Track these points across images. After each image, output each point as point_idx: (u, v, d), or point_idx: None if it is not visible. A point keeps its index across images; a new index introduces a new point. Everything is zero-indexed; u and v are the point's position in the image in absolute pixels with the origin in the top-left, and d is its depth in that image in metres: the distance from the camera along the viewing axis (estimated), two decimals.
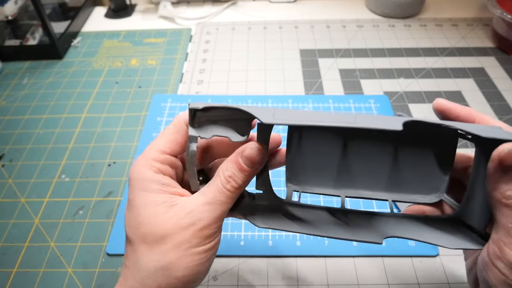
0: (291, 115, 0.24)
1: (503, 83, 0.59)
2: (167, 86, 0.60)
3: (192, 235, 0.24)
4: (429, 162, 0.27)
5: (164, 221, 0.24)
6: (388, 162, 0.28)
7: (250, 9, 0.78)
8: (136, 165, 0.26)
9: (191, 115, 0.26)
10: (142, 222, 0.24)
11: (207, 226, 0.24)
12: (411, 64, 0.63)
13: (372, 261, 0.39)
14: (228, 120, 0.26)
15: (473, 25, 0.71)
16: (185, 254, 0.24)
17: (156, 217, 0.24)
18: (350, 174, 0.28)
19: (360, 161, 0.28)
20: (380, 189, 0.28)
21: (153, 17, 0.76)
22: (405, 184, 0.28)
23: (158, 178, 0.25)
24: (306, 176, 0.29)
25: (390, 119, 0.22)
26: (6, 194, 0.47)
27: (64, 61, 0.67)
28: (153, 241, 0.24)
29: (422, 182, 0.27)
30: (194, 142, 0.26)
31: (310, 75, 0.62)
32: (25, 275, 0.39)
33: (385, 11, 0.73)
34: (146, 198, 0.25)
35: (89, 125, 0.55)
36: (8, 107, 0.58)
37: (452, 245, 0.24)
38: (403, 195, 0.28)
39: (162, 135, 0.27)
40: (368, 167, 0.28)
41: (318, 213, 0.27)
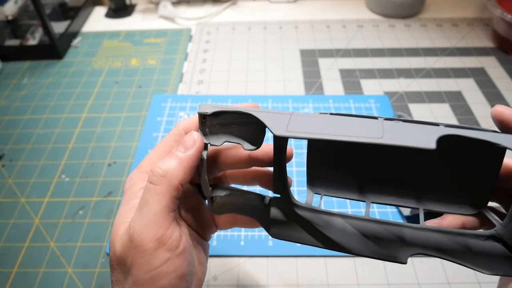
0: (308, 125, 0.21)
1: (503, 83, 0.59)
2: (167, 86, 0.60)
3: (135, 256, 0.21)
4: (469, 171, 0.24)
5: (117, 242, 0.22)
6: (419, 167, 0.25)
7: (250, 9, 0.78)
8: (130, 177, 0.25)
9: (201, 120, 0.24)
10: (110, 242, 0.23)
11: (141, 238, 0.20)
12: (411, 64, 0.63)
13: (372, 261, 0.39)
14: (240, 123, 0.24)
15: (473, 25, 0.71)
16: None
17: (116, 238, 0.22)
18: (377, 178, 0.26)
19: (387, 164, 0.25)
20: (409, 196, 0.25)
21: (153, 17, 0.76)
22: (439, 192, 0.25)
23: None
24: (329, 179, 0.27)
25: (424, 130, 0.19)
26: (6, 194, 0.47)
27: (64, 61, 0.67)
28: (117, 266, 0.22)
29: (458, 192, 0.24)
30: (205, 150, 0.24)
31: (310, 75, 0.62)
32: (25, 275, 0.39)
33: (385, 11, 0.73)
34: (121, 214, 0.23)
35: (89, 125, 0.55)
36: (8, 107, 0.58)
37: (489, 271, 0.21)
38: (436, 204, 0.25)
39: (160, 145, 0.25)
40: (397, 170, 0.25)
41: (337, 221, 0.25)
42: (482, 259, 0.21)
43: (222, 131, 0.24)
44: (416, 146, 0.18)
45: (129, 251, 0.21)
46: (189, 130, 0.25)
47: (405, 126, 0.20)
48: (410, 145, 0.19)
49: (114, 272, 0.22)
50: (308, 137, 0.20)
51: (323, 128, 0.21)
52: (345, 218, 0.25)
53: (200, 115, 0.24)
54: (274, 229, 0.25)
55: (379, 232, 0.23)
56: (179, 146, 0.23)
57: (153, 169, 0.22)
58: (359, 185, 0.26)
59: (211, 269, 0.39)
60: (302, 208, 0.25)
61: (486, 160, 0.23)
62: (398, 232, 0.23)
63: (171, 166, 0.22)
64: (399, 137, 0.19)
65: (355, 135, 0.20)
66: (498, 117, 0.22)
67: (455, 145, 0.23)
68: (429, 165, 0.24)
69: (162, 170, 0.22)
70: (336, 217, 0.25)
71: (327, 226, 0.24)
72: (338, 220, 0.24)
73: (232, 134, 0.24)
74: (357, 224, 0.24)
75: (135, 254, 0.21)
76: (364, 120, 0.21)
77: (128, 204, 0.23)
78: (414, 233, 0.23)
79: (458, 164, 0.24)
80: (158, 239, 0.20)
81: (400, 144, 0.19)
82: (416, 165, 0.25)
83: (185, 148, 0.23)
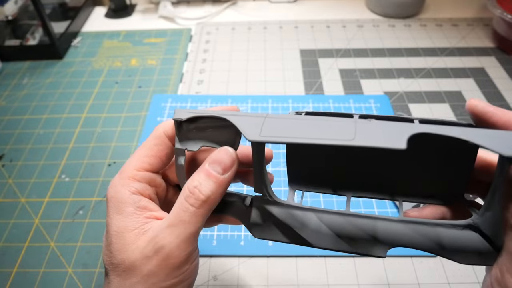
0: (282, 128, 0.21)
1: (503, 83, 0.59)
2: (167, 86, 0.60)
3: (158, 266, 0.21)
4: (444, 164, 0.25)
5: (132, 251, 0.21)
6: (396, 161, 0.26)
7: (250, 9, 0.78)
8: (113, 183, 0.24)
9: (177, 126, 0.24)
10: (113, 251, 0.22)
11: (172, 254, 0.21)
12: (411, 64, 0.63)
13: (372, 261, 0.39)
14: (216, 127, 0.24)
15: (473, 25, 0.71)
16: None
17: (126, 246, 0.21)
18: (356, 172, 0.26)
19: (365, 159, 0.26)
20: (389, 189, 0.26)
21: (153, 17, 0.76)
22: (417, 185, 0.26)
23: (134, 199, 0.23)
24: (309, 175, 0.27)
25: (396, 129, 0.20)
26: (6, 194, 0.47)
27: (64, 61, 0.67)
28: (124, 273, 0.21)
29: (436, 184, 0.25)
30: (182, 156, 0.24)
31: (310, 75, 0.62)
32: (25, 275, 0.39)
33: (385, 11, 0.73)
34: (119, 223, 0.22)
35: (89, 125, 0.55)
36: (8, 107, 0.58)
37: (465, 260, 0.22)
38: (414, 196, 0.26)
39: (141, 149, 0.25)
40: (375, 165, 0.26)
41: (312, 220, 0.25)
42: (459, 249, 0.22)
43: (198, 136, 0.24)
44: (387, 146, 0.19)
45: (152, 262, 0.21)
46: (170, 133, 0.25)
47: (378, 125, 0.20)
48: (381, 146, 0.19)
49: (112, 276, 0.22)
50: (281, 141, 0.21)
51: (296, 130, 0.21)
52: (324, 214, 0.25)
53: (175, 121, 0.24)
54: (256, 229, 0.25)
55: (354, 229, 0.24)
56: (214, 164, 0.22)
57: (193, 191, 0.22)
58: (339, 180, 0.27)
59: (211, 269, 0.39)
60: (282, 206, 0.25)
61: (460, 153, 0.24)
62: (373, 226, 0.24)
63: (212, 189, 0.22)
64: (370, 138, 0.19)
65: (327, 137, 0.20)
66: (472, 111, 0.22)
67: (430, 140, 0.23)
68: (405, 159, 0.25)
69: (203, 195, 0.22)
70: (314, 214, 0.25)
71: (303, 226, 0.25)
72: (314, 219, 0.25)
73: (208, 139, 0.24)
74: (334, 221, 0.24)
75: (161, 264, 0.21)
76: (338, 121, 0.21)
77: (124, 211, 0.22)
78: (392, 226, 0.23)
79: (434, 157, 0.25)
80: (188, 254, 0.22)
81: (371, 145, 0.19)
82: (393, 160, 0.26)
83: (222, 168, 0.22)
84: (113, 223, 0.22)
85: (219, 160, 0.22)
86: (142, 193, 0.24)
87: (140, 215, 0.22)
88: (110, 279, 0.22)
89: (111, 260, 0.22)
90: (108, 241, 0.23)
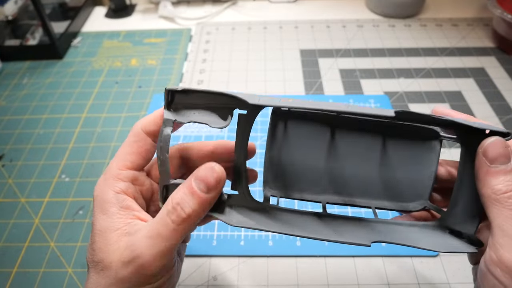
0: (277, 101, 0.23)
1: (503, 83, 0.59)
2: (167, 87, 0.60)
3: (132, 273, 0.21)
4: (414, 169, 0.26)
5: (112, 252, 0.22)
6: (373, 169, 0.27)
7: (250, 9, 0.78)
8: (98, 183, 0.24)
9: (167, 98, 0.24)
10: (95, 249, 0.22)
11: (147, 264, 0.21)
12: (411, 64, 0.63)
13: (372, 261, 0.39)
14: (208, 107, 0.24)
15: (473, 25, 0.71)
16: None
17: (107, 246, 0.22)
18: (333, 179, 0.27)
19: (342, 167, 0.27)
20: (363, 196, 0.27)
21: (153, 17, 0.76)
22: (390, 191, 0.27)
23: (118, 199, 0.23)
24: (285, 180, 0.27)
25: (381, 110, 0.22)
26: (6, 194, 0.47)
27: (64, 61, 0.67)
28: (102, 272, 0.22)
29: (406, 189, 0.27)
30: (169, 126, 0.23)
31: (310, 75, 0.62)
32: (25, 275, 0.39)
33: (385, 11, 0.73)
34: (103, 222, 0.22)
35: (89, 125, 0.55)
36: (8, 107, 0.58)
37: (443, 249, 0.23)
38: (387, 202, 0.27)
39: (122, 148, 0.25)
40: (351, 173, 0.27)
41: (302, 216, 0.25)
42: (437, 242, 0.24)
43: (189, 112, 0.24)
44: (377, 113, 0.21)
45: (127, 268, 0.21)
46: (148, 129, 0.25)
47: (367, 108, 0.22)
48: (372, 113, 0.21)
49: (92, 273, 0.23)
50: (278, 105, 0.22)
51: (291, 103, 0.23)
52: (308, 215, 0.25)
53: (167, 91, 0.24)
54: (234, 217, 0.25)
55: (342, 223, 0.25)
56: (199, 182, 0.22)
57: (175, 207, 0.21)
58: (315, 186, 0.27)
59: (211, 269, 0.39)
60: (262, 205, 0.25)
61: (427, 154, 0.26)
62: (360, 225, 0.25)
63: (194, 208, 0.21)
64: (361, 109, 0.22)
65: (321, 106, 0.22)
66: None
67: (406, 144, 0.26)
68: (382, 164, 0.27)
69: (185, 213, 0.21)
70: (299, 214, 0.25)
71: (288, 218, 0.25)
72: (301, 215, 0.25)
73: (199, 116, 0.24)
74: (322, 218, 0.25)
75: (135, 272, 0.21)
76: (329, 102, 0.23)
77: (108, 211, 0.23)
78: (374, 225, 0.25)
79: (406, 162, 0.26)
80: (163, 266, 0.22)
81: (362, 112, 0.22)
82: (371, 167, 0.27)
83: (207, 186, 0.22)
84: (98, 222, 0.23)
85: (205, 177, 0.22)
86: (125, 192, 0.24)
87: (124, 215, 0.23)
88: (90, 276, 0.23)
89: (93, 257, 0.22)
90: (92, 239, 0.23)
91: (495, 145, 0.20)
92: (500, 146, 0.20)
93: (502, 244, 0.19)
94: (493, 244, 0.20)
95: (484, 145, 0.21)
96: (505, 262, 0.19)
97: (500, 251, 0.19)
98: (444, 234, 0.24)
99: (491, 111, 0.54)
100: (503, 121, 0.52)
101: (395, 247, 0.39)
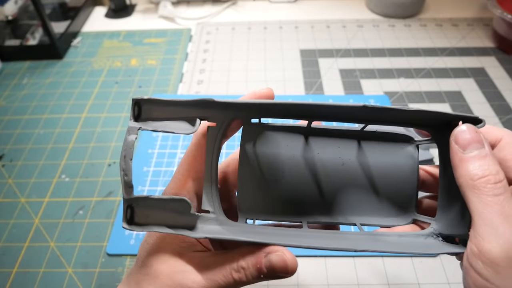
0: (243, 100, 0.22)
1: (503, 83, 0.59)
2: (167, 86, 0.60)
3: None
4: (396, 179, 0.25)
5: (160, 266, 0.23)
6: (354, 186, 0.26)
7: (250, 9, 0.78)
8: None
9: (133, 108, 0.23)
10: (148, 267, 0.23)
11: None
12: (411, 64, 0.63)
13: (372, 261, 0.39)
14: (177, 118, 0.23)
15: (473, 25, 0.71)
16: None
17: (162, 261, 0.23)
18: (312, 198, 0.26)
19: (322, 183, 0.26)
20: (346, 213, 0.26)
21: (153, 17, 0.76)
22: (375, 205, 0.26)
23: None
24: (261, 203, 0.26)
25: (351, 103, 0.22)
26: (6, 194, 0.47)
27: (64, 61, 0.67)
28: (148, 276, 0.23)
29: (391, 203, 0.26)
30: (133, 134, 0.22)
31: (310, 75, 0.62)
32: (25, 275, 0.39)
33: (385, 11, 0.73)
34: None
35: (89, 125, 0.55)
36: (8, 107, 0.58)
37: (434, 251, 0.22)
38: (372, 217, 0.26)
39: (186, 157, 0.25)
40: (332, 191, 0.26)
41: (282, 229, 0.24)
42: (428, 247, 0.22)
43: (156, 122, 0.23)
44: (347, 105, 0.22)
45: None
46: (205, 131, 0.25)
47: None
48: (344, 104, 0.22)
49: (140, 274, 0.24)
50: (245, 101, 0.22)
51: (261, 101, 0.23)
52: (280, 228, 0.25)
53: (133, 101, 0.23)
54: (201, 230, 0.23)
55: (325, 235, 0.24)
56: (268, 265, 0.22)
57: (239, 270, 0.22)
58: (293, 207, 0.26)
59: None
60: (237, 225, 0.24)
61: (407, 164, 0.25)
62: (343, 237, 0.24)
63: (253, 278, 0.22)
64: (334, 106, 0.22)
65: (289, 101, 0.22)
66: None
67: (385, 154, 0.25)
68: (363, 179, 0.26)
69: (246, 278, 0.22)
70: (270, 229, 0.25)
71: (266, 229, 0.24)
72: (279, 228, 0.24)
73: (165, 123, 0.23)
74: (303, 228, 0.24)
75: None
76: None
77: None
78: (358, 236, 0.24)
79: (387, 175, 0.25)
80: None
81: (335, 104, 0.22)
82: (346, 186, 0.26)
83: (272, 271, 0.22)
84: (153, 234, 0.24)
85: (276, 268, 0.22)
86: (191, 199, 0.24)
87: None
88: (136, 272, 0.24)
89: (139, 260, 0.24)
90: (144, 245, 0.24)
91: (465, 131, 0.20)
92: (471, 131, 0.20)
93: (483, 234, 0.18)
94: (474, 235, 0.18)
95: (455, 132, 0.20)
96: (486, 253, 0.17)
97: (481, 242, 0.18)
98: (436, 240, 0.23)
99: (491, 111, 0.54)
100: (503, 121, 0.52)
101: None
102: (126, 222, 0.22)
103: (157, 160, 0.49)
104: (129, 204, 0.22)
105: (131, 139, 0.22)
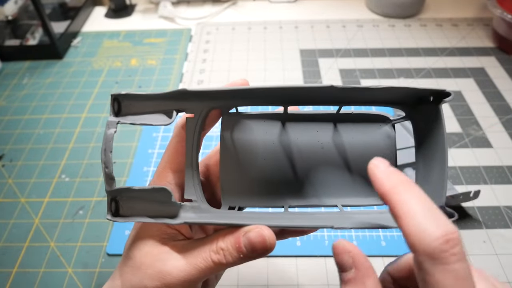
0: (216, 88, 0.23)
1: (503, 83, 0.59)
2: (167, 86, 0.60)
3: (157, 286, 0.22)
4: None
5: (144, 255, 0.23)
6: (334, 166, 0.26)
7: (250, 9, 0.78)
8: None
9: (113, 103, 0.24)
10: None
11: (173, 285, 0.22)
12: (411, 64, 0.63)
13: (372, 260, 0.39)
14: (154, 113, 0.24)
15: (473, 25, 0.71)
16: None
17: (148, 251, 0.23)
18: (292, 183, 0.26)
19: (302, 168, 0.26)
20: (327, 195, 0.26)
21: (153, 17, 0.76)
22: (355, 186, 0.26)
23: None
24: (242, 189, 0.26)
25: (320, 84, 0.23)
26: (6, 194, 0.47)
27: (64, 61, 0.67)
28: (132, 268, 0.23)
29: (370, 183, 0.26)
30: (113, 128, 0.24)
31: (310, 75, 0.62)
32: (25, 275, 0.39)
33: (385, 11, 0.73)
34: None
35: (89, 125, 0.55)
36: (8, 107, 0.58)
37: None
38: (353, 198, 0.26)
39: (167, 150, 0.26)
40: (311, 174, 0.26)
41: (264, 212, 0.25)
42: None
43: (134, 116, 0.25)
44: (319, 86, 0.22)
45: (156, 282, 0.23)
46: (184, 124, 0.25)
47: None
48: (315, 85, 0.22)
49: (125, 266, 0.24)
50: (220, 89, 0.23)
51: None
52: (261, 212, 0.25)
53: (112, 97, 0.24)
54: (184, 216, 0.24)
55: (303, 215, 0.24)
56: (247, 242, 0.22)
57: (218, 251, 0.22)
58: (275, 191, 0.26)
59: None
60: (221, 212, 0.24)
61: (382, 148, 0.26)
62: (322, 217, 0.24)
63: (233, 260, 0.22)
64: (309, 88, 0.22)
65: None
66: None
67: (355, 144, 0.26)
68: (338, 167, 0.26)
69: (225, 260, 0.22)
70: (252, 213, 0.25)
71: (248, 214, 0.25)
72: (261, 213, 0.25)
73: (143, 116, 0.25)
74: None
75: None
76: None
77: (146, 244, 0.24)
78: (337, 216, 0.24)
79: (361, 159, 0.26)
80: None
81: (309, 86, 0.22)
82: (326, 168, 0.26)
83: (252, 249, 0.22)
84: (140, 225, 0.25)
85: (254, 244, 0.22)
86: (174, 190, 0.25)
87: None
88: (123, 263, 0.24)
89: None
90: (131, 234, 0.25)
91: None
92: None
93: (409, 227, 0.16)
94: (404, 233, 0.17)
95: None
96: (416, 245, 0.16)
97: (410, 237, 0.16)
98: None
99: (491, 111, 0.54)
100: (503, 121, 0.52)
101: (395, 247, 0.39)
102: (111, 214, 0.23)
103: (157, 160, 0.49)
104: (112, 196, 0.23)
105: (110, 133, 0.23)
